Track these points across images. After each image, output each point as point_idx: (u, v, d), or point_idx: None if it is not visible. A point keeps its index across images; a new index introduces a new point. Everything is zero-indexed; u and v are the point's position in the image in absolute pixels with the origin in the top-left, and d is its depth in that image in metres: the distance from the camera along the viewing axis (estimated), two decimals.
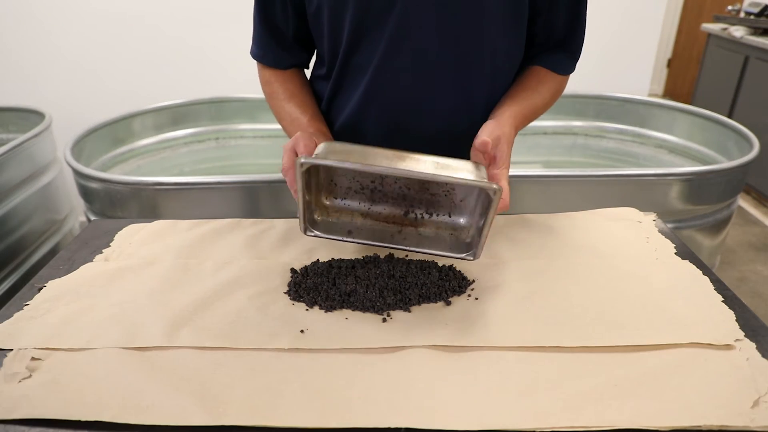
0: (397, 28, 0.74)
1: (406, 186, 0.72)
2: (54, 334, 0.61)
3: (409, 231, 0.73)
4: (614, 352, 0.58)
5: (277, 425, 0.50)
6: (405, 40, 0.75)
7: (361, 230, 0.72)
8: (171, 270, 0.74)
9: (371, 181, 0.72)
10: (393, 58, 0.77)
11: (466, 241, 0.70)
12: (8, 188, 1.63)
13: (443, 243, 0.71)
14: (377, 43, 0.76)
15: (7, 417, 0.51)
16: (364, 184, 0.73)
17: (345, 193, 0.73)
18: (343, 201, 0.74)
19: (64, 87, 2.35)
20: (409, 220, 0.73)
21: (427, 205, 0.73)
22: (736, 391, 0.52)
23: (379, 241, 0.70)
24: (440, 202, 0.72)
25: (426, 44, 0.75)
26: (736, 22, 2.94)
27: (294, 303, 0.68)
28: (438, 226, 0.73)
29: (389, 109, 0.81)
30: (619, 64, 2.54)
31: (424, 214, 0.73)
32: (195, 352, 0.59)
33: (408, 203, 0.73)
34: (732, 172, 1.56)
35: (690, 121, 2.10)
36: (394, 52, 0.76)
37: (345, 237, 0.70)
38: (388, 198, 0.73)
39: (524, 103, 0.80)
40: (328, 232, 0.70)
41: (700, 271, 0.72)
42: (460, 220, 0.72)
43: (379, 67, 0.78)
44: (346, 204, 0.74)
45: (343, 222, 0.73)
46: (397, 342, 0.60)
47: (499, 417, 0.50)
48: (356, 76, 0.81)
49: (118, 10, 2.26)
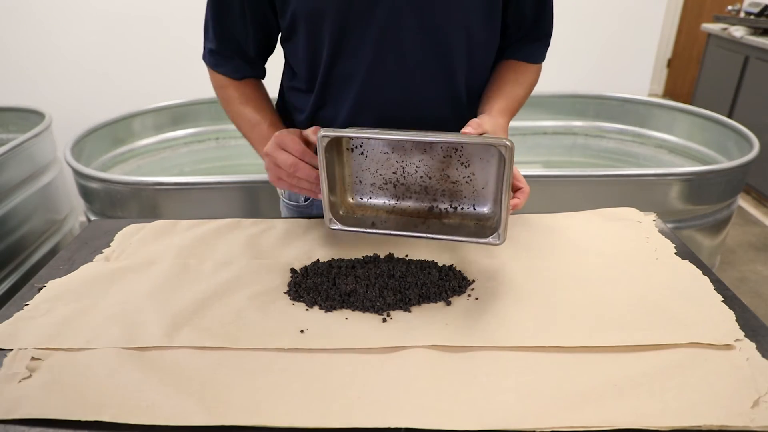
0: (381, 30, 0.74)
1: (427, 175, 0.72)
2: (54, 334, 0.61)
3: (433, 222, 0.73)
4: (614, 352, 0.58)
5: (277, 425, 0.50)
6: (390, 43, 0.75)
7: (385, 222, 0.73)
8: (171, 270, 0.74)
9: (393, 173, 0.73)
10: (381, 62, 0.76)
11: (492, 228, 0.69)
12: (8, 188, 1.63)
13: (468, 231, 0.70)
14: (362, 49, 0.75)
15: (7, 417, 0.51)
16: (387, 177, 0.73)
17: (370, 190, 0.74)
18: (368, 199, 0.75)
19: (64, 87, 2.35)
20: (434, 214, 0.74)
21: (451, 197, 0.73)
22: (736, 391, 0.52)
23: (402, 230, 0.70)
24: (462, 192, 0.72)
25: (410, 43, 0.75)
26: (736, 22, 2.94)
27: (294, 303, 0.67)
28: (463, 217, 0.73)
29: (380, 111, 0.81)
30: (619, 64, 2.54)
31: (449, 208, 0.73)
32: (195, 352, 0.59)
33: (431, 197, 0.74)
34: (732, 172, 1.56)
35: (690, 121, 2.10)
36: (381, 56, 0.76)
37: (369, 229, 0.71)
38: (411, 193, 0.74)
39: (510, 96, 0.82)
40: (352, 226, 0.71)
41: (700, 271, 0.72)
42: (484, 209, 0.72)
43: (369, 73, 0.77)
44: (371, 202, 0.75)
45: (367, 216, 0.74)
46: (397, 342, 0.59)
47: (499, 417, 0.50)
48: (344, 86, 0.80)
49: (118, 10, 2.26)
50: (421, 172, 0.73)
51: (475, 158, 0.70)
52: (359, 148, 0.73)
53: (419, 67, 0.77)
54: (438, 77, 0.79)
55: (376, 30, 0.74)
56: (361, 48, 0.75)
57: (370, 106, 0.80)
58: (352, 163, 0.74)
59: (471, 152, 0.70)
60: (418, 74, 0.78)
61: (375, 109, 0.80)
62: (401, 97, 0.80)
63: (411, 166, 0.73)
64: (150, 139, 2.13)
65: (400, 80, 0.78)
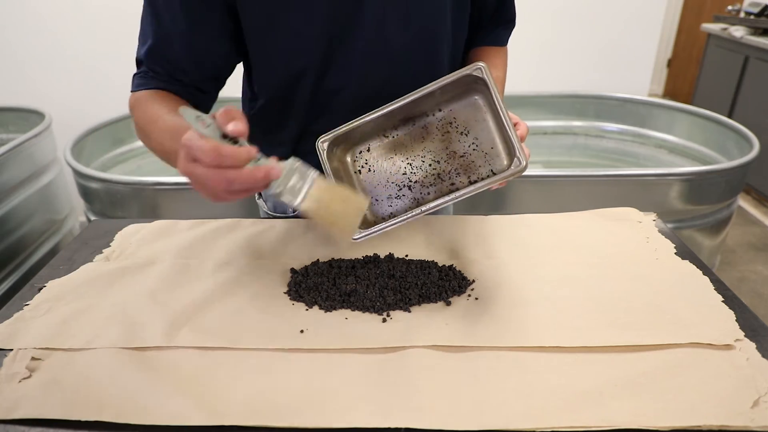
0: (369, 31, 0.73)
1: (434, 160, 0.72)
2: (54, 334, 0.61)
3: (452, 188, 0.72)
4: (614, 352, 0.58)
5: (277, 425, 0.50)
6: (378, 37, 0.74)
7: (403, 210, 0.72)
8: (171, 270, 0.74)
9: (402, 174, 0.73)
10: (370, 66, 0.76)
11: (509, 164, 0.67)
12: (8, 188, 1.63)
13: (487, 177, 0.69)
14: (352, 55, 0.74)
15: (7, 417, 0.51)
16: (399, 182, 0.73)
17: (388, 205, 0.73)
18: (389, 215, 0.73)
19: (64, 87, 2.35)
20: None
21: (466, 172, 0.71)
22: (736, 391, 0.52)
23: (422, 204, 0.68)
24: (474, 162, 0.71)
25: (396, 39, 0.75)
26: (736, 22, 2.94)
27: (294, 303, 0.67)
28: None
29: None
30: (619, 64, 2.54)
31: (468, 183, 0.71)
32: (195, 352, 0.59)
33: (448, 180, 0.71)
34: (732, 172, 1.56)
35: (690, 121, 2.11)
36: (371, 60, 0.75)
37: (390, 222, 0.66)
38: (427, 186, 0.73)
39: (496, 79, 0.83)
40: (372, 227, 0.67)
41: (700, 271, 0.72)
42: (502, 164, 0.70)
43: (360, 78, 0.76)
44: (392, 213, 0.73)
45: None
46: (397, 342, 0.59)
47: (499, 417, 0.50)
48: (333, 97, 0.78)
49: (118, 10, 2.26)
50: (429, 160, 0.72)
51: (470, 121, 0.70)
52: (365, 166, 0.73)
53: (405, 56, 0.77)
54: (423, 67, 0.79)
55: (365, 30, 0.73)
56: (351, 51, 0.74)
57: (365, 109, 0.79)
58: (365, 185, 0.74)
59: (464, 117, 0.70)
60: (403, 67, 0.78)
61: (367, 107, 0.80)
62: (389, 93, 0.79)
63: (416, 159, 0.72)
64: None
65: (389, 75, 0.78)
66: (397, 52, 0.76)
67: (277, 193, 0.54)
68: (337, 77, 0.77)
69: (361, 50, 0.75)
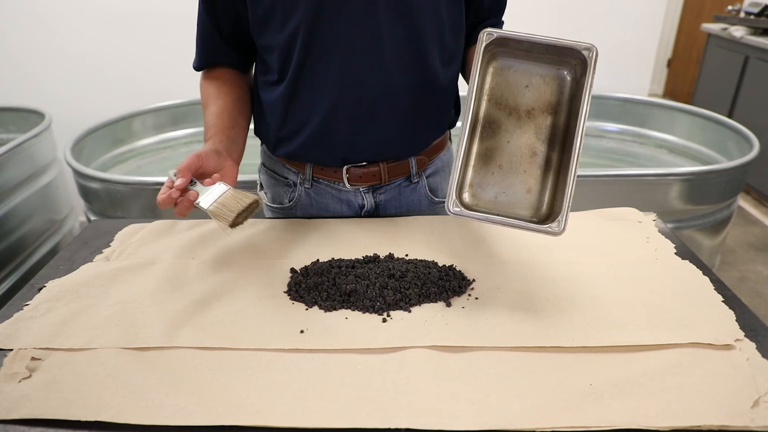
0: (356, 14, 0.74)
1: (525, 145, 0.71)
2: (54, 334, 0.61)
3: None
4: (614, 352, 0.58)
5: (277, 425, 0.50)
6: (365, 29, 0.75)
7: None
8: (171, 270, 0.74)
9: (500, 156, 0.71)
10: (356, 48, 0.77)
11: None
12: (8, 188, 1.63)
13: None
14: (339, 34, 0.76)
15: (7, 417, 0.51)
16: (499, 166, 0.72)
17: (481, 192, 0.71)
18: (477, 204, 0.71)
19: (64, 87, 2.35)
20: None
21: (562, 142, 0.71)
22: (736, 391, 0.52)
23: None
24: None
25: (385, 26, 0.76)
26: (736, 22, 2.94)
27: (294, 303, 0.67)
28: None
29: (359, 104, 0.81)
30: (619, 64, 2.54)
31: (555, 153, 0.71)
32: (195, 352, 0.59)
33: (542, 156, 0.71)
34: (732, 172, 1.56)
35: (690, 121, 2.10)
36: (356, 41, 0.76)
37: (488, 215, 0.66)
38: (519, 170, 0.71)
39: None
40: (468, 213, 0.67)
41: (700, 271, 0.72)
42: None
43: (344, 60, 0.77)
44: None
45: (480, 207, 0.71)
46: (397, 342, 0.59)
47: (499, 417, 0.50)
48: (319, 76, 0.79)
49: (118, 10, 2.26)
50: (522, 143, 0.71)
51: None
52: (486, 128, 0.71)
53: (394, 53, 0.78)
54: (412, 63, 0.80)
55: (351, 14, 0.74)
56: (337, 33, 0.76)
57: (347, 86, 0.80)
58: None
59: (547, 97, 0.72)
60: (393, 60, 0.78)
61: (352, 98, 0.80)
62: (378, 84, 0.80)
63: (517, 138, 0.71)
64: (150, 139, 2.13)
65: (378, 65, 0.78)
66: (384, 27, 0.76)
67: (197, 203, 0.71)
68: (324, 53, 0.77)
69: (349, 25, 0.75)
